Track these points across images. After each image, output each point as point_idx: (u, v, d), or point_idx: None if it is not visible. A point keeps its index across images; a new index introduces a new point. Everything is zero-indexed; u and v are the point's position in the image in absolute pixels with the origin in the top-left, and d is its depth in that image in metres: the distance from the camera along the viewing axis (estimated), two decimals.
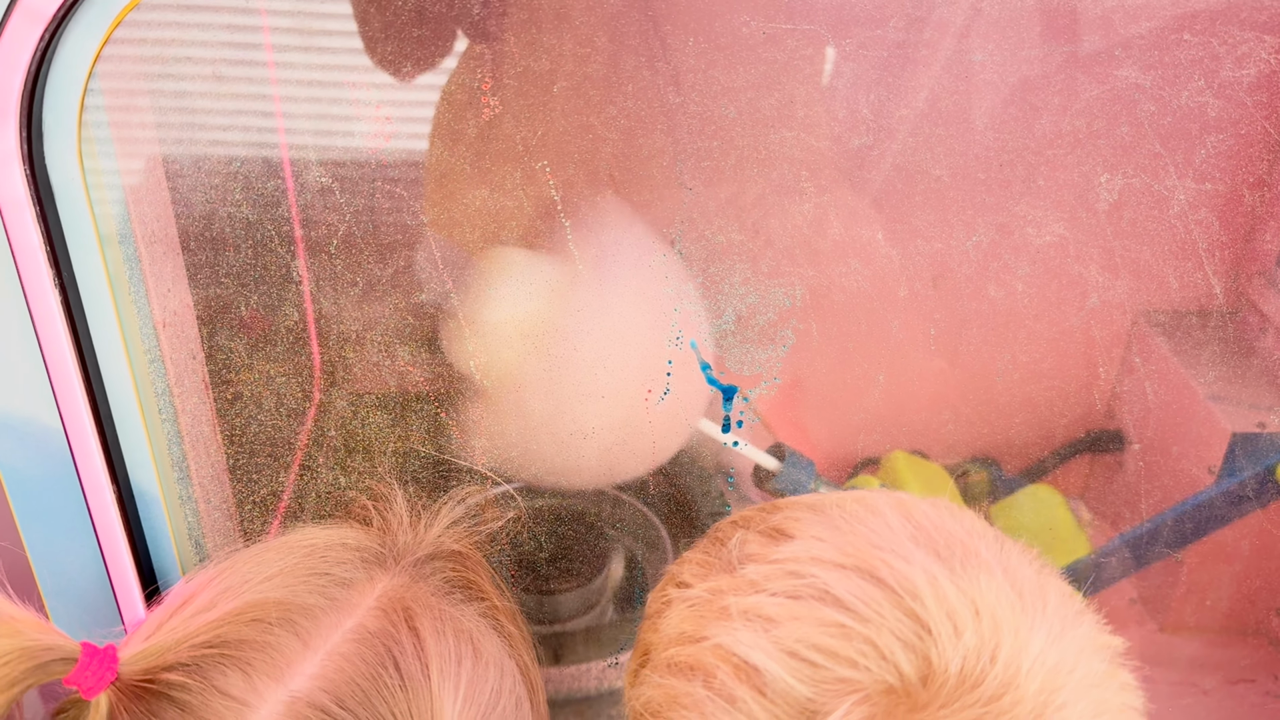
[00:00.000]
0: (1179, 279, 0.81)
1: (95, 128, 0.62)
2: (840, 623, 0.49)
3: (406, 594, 0.59)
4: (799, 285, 0.78)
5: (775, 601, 0.51)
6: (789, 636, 0.49)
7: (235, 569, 0.59)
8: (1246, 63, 0.72)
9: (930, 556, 0.51)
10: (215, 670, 0.53)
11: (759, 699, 0.48)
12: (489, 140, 0.71)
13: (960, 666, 0.46)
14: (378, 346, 0.78)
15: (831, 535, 0.54)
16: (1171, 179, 0.77)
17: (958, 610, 0.48)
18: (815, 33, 0.69)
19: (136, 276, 0.67)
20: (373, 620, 0.57)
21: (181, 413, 0.73)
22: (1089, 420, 0.94)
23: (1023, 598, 0.50)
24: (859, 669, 0.47)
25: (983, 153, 0.76)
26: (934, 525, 0.54)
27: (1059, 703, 0.47)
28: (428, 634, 0.57)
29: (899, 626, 0.48)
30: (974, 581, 0.50)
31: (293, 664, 0.54)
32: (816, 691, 0.47)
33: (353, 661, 0.54)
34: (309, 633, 0.55)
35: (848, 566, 0.51)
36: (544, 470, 0.81)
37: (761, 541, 0.55)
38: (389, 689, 0.54)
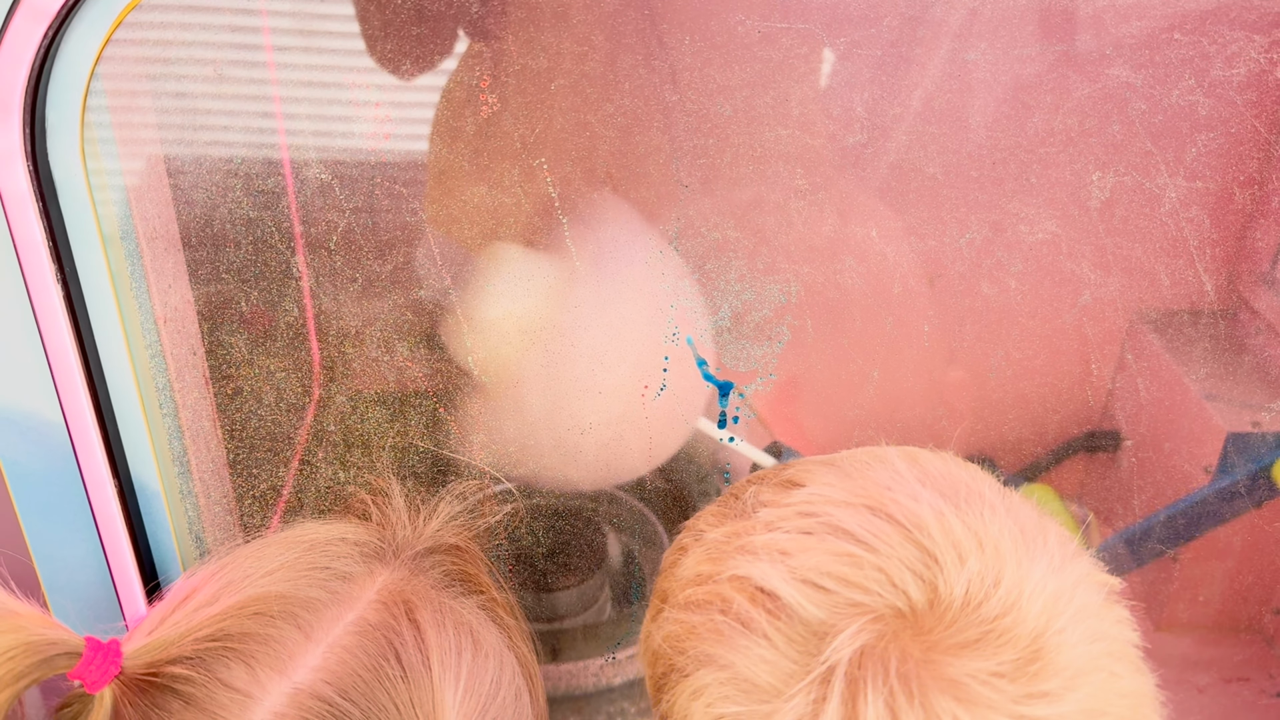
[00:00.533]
0: (1170, 276, 0.82)
1: (98, 127, 0.62)
2: (851, 553, 0.51)
3: (406, 587, 0.60)
4: (794, 282, 0.78)
5: (789, 537, 0.53)
6: (803, 565, 0.51)
7: (237, 564, 0.60)
8: (1236, 62, 0.72)
9: (936, 495, 0.53)
10: (219, 663, 0.53)
11: (774, 621, 0.50)
12: (488, 138, 0.71)
13: (965, 591, 0.49)
14: (377, 342, 0.78)
15: (842, 480, 0.56)
16: (1163, 177, 0.77)
17: (962, 541, 0.50)
18: (810, 32, 0.69)
19: (138, 272, 0.67)
20: (373, 613, 0.57)
21: (182, 408, 0.73)
22: (1083, 418, 0.95)
23: (1024, 533, 0.52)
24: (870, 594, 0.49)
25: (976, 151, 0.77)
26: (939, 470, 0.56)
27: (1058, 627, 0.49)
28: (428, 626, 0.57)
29: (907, 556, 0.50)
30: (978, 517, 0.52)
31: (295, 656, 0.54)
32: (829, 614, 0.49)
33: (354, 653, 0.55)
34: (311, 625, 0.55)
35: (857, 504, 0.53)
36: (542, 466, 0.81)
37: (775, 490, 0.57)
38: (391, 680, 0.54)
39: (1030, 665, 0.48)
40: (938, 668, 0.47)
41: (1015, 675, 0.48)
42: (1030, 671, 0.48)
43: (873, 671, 0.47)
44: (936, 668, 0.47)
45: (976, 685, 0.47)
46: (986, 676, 0.47)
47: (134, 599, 0.71)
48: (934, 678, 0.47)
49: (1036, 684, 0.48)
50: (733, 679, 0.51)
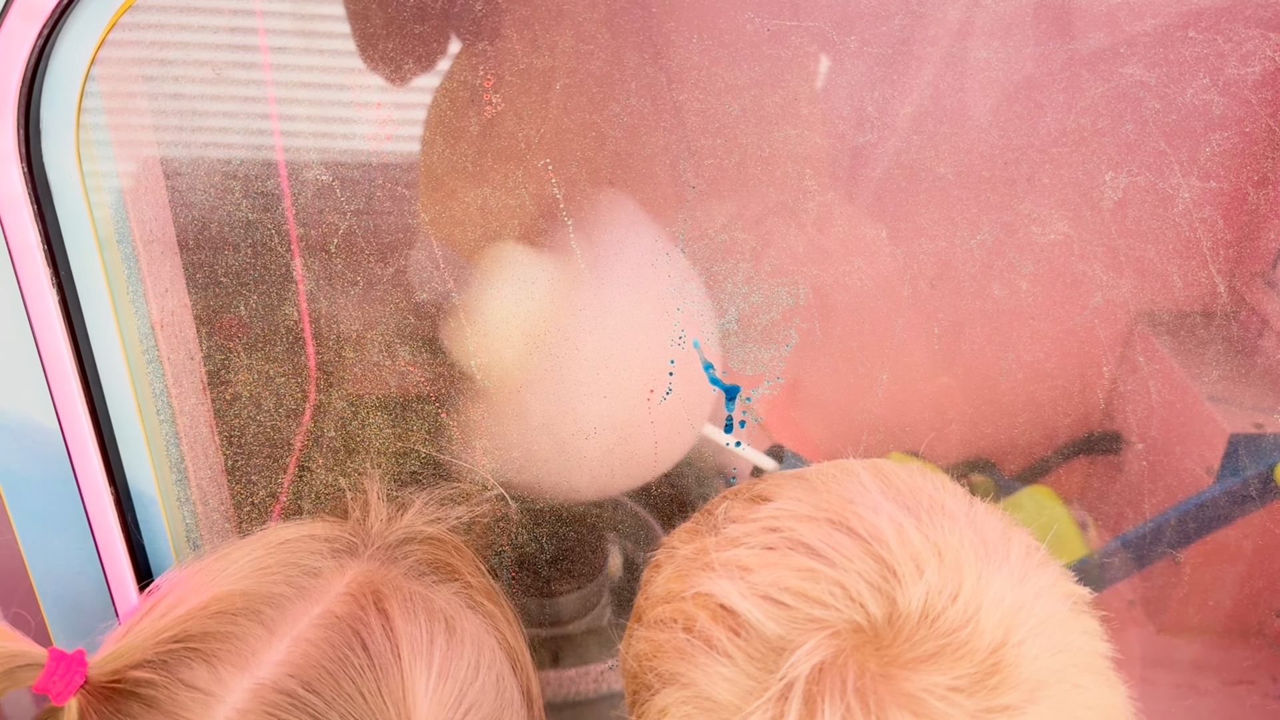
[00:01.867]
0: (1183, 278, 0.82)
1: (93, 128, 0.62)
2: (811, 567, 0.51)
3: (376, 577, 0.59)
4: (803, 284, 0.78)
5: (752, 552, 0.53)
6: (763, 581, 0.51)
7: (205, 568, 0.59)
8: (1252, 60, 0.72)
9: (898, 508, 0.53)
10: (180, 664, 0.53)
11: (734, 639, 0.50)
12: (490, 138, 0.71)
13: (922, 604, 0.49)
14: (378, 346, 0.78)
15: (807, 495, 0.56)
16: (1176, 177, 0.77)
17: (921, 553, 0.50)
18: (819, 29, 0.69)
19: (134, 276, 0.67)
20: (340, 605, 0.57)
21: (179, 414, 0.72)
22: (1092, 420, 0.94)
23: (985, 544, 0.52)
24: (828, 609, 0.50)
25: (987, 150, 0.77)
26: (904, 483, 0.56)
27: (1017, 639, 0.49)
28: (396, 614, 0.57)
29: (866, 570, 0.50)
30: (938, 529, 0.52)
31: (258, 653, 0.54)
32: (788, 630, 0.49)
33: (319, 645, 0.54)
34: (275, 621, 0.55)
35: (820, 519, 0.53)
36: (545, 472, 0.81)
37: (744, 506, 0.58)
38: (357, 669, 0.54)
39: (989, 679, 0.48)
40: (895, 683, 0.47)
41: (973, 689, 0.47)
42: (989, 685, 0.48)
43: (830, 687, 0.47)
44: (894, 683, 0.47)
45: (934, 700, 0.47)
46: (944, 691, 0.47)
47: (130, 606, 0.71)
48: (891, 693, 0.47)
49: (995, 698, 0.48)
50: (695, 697, 0.51)
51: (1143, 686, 0.99)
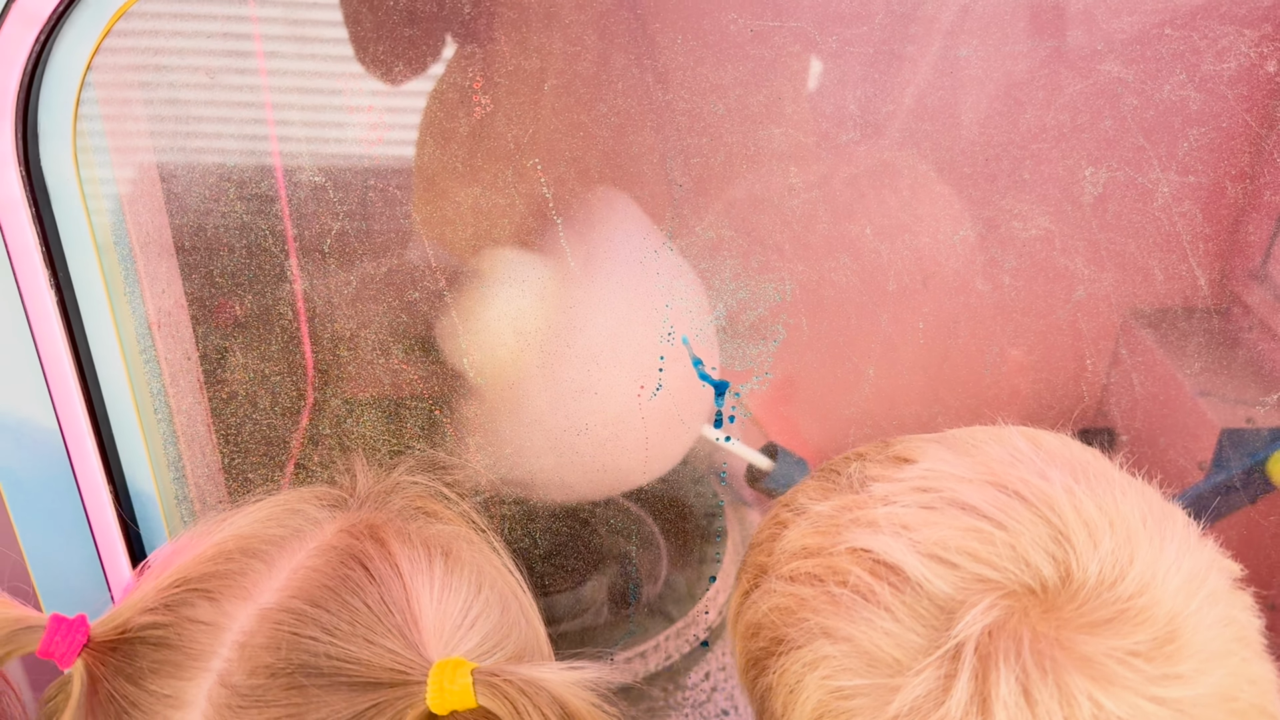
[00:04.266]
0: (1164, 271, 0.82)
1: (90, 134, 0.62)
2: (979, 528, 0.50)
3: (369, 518, 0.59)
4: (789, 280, 0.78)
5: (909, 511, 0.52)
6: (928, 539, 0.50)
7: (194, 534, 0.59)
8: (1227, 56, 0.72)
9: (1065, 474, 0.52)
10: (183, 605, 0.53)
11: (897, 594, 0.49)
12: (480, 139, 0.72)
13: (1099, 571, 0.48)
14: (372, 346, 0.78)
15: (959, 457, 0.55)
16: (1155, 172, 0.77)
17: (1095, 522, 0.50)
18: (802, 30, 0.69)
19: (131, 278, 0.67)
20: (337, 539, 0.57)
21: (176, 412, 0.73)
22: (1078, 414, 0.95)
23: (1154, 514, 0.52)
24: (1000, 570, 0.49)
25: (969, 147, 0.77)
26: (1062, 450, 0.56)
27: (1193, 608, 0.49)
28: (393, 542, 0.57)
29: (1038, 534, 0.49)
30: (1109, 497, 0.51)
31: (259, 584, 0.54)
32: (956, 589, 0.49)
33: (319, 570, 0.54)
34: (271, 556, 0.55)
35: (980, 480, 0.52)
36: (539, 467, 0.81)
37: (884, 465, 0.56)
38: (358, 584, 0.54)
39: (1166, 646, 0.47)
40: (1072, 645, 0.47)
41: (1151, 655, 0.47)
42: (1166, 652, 0.47)
43: (1004, 648, 0.46)
44: (1071, 645, 0.47)
45: (1113, 664, 0.46)
46: (1123, 655, 0.47)
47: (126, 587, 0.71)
48: (1068, 655, 0.46)
49: (1172, 665, 0.47)
50: (853, 651, 0.50)
51: None
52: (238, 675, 0.51)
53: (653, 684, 0.95)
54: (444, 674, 0.50)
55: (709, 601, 0.97)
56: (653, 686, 0.95)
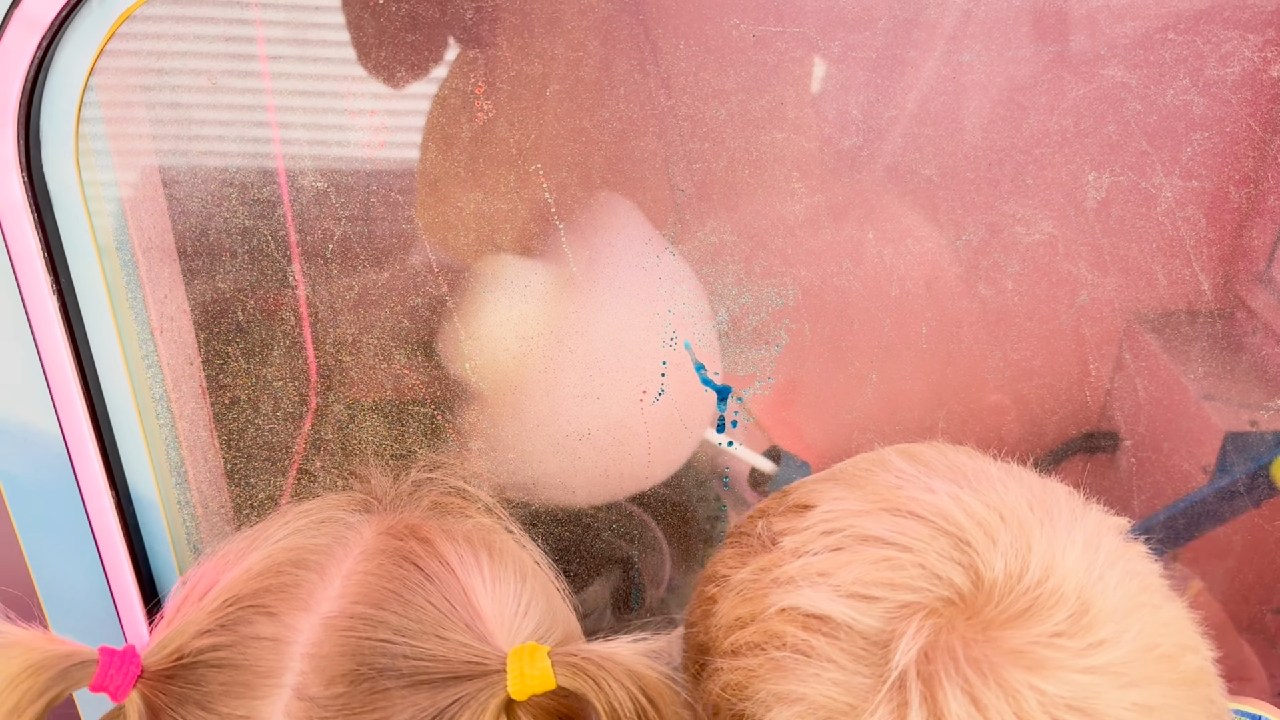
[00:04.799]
0: (1167, 276, 0.82)
1: (93, 138, 0.62)
2: (887, 556, 0.52)
3: (404, 519, 0.60)
4: (792, 285, 0.78)
5: (821, 558, 0.53)
6: (845, 581, 0.52)
7: (231, 550, 0.59)
8: (1230, 61, 0.72)
9: (947, 482, 0.54)
10: (241, 623, 0.53)
11: (833, 643, 0.51)
12: (483, 144, 0.71)
13: (1004, 566, 0.50)
14: (375, 351, 0.78)
15: (850, 491, 0.57)
16: (1159, 177, 0.77)
17: (986, 520, 0.52)
18: (805, 35, 0.69)
19: (134, 283, 0.67)
20: (380, 543, 0.57)
21: (179, 418, 0.73)
22: (1081, 418, 0.95)
23: (1037, 498, 0.54)
24: (917, 591, 0.50)
25: (972, 152, 0.77)
26: (939, 460, 0.58)
27: (1096, 575, 0.51)
28: (437, 538, 0.58)
29: (940, 546, 0.51)
30: (991, 493, 0.53)
31: (315, 594, 0.54)
32: (884, 621, 0.50)
33: (374, 575, 0.54)
34: (320, 565, 0.55)
35: (875, 509, 0.54)
36: (541, 472, 0.81)
37: (787, 517, 0.58)
38: (417, 584, 0.54)
39: (1082, 619, 0.49)
40: (1001, 643, 0.48)
41: (1072, 631, 0.49)
42: (1084, 624, 0.49)
43: (943, 665, 0.48)
44: (1000, 643, 0.48)
45: (1041, 650, 0.48)
46: (1047, 639, 0.48)
47: (132, 610, 0.71)
48: (1000, 654, 0.48)
49: (1093, 634, 0.49)
50: (809, 710, 0.51)
51: None
52: (315, 687, 0.51)
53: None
54: (522, 660, 0.51)
55: None
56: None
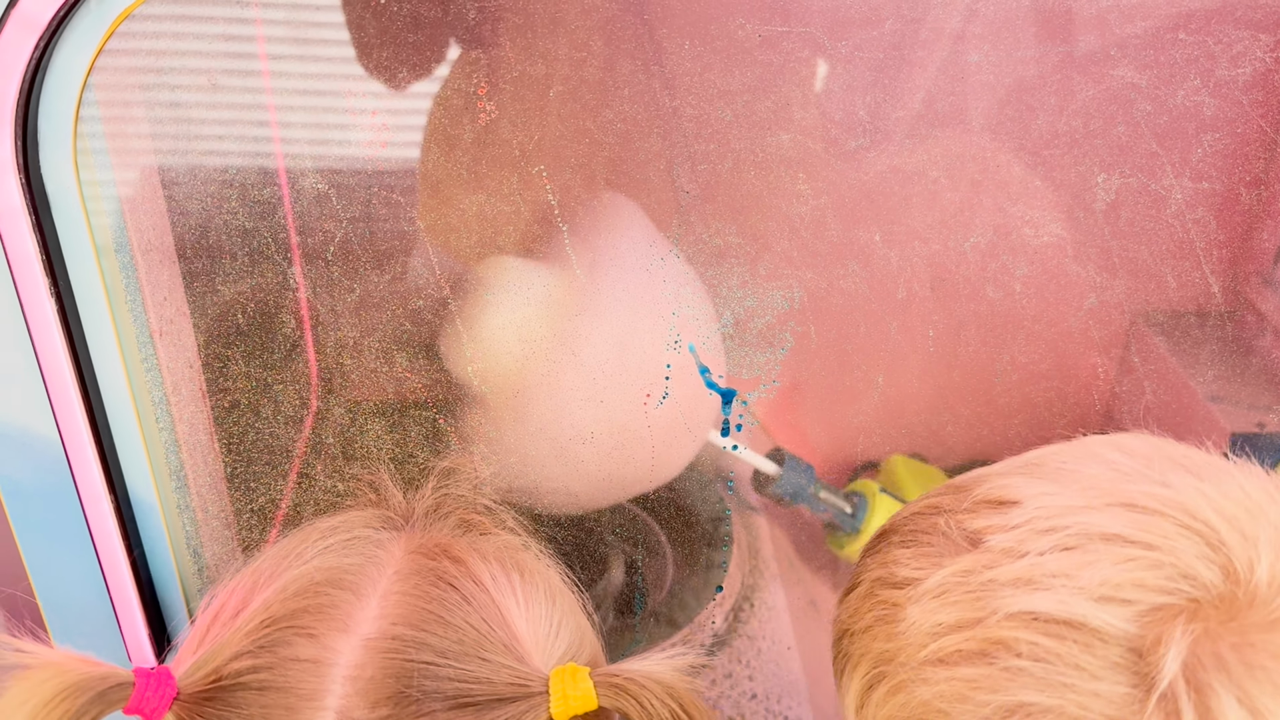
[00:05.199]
0: (1177, 279, 0.81)
1: (91, 138, 0.62)
2: (1132, 556, 0.48)
3: (432, 538, 0.60)
4: (798, 288, 0.78)
5: (1051, 558, 0.49)
6: (1090, 583, 0.48)
7: (261, 566, 0.59)
8: (1242, 61, 0.72)
9: (1183, 475, 0.51)
10: (280, 645, 0.52)
11: (1084, 650, 0.47)
12: (485, 145, 0.71)
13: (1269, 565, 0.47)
14: (376, 353, 0.78)
15: (1059, 486, 0.52)
16: (1169, 178, 0.77)
17: (1237, 515, 0.48)
18: (811, 35, 0.69)
19: (133, 285, 0.67)
20: (412, 562, 0.57)
21: (179, 421, 0.72)
22: (1088, 421, 0.94)
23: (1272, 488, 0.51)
24: (1172, 593, 0.47)
25: (979, 153, 0.76)
26: (1158, 451, 0.54)
27: None
28: (469, 558, 0.58)
29: (1190, 545, 0.48)
30: (1234, 486, 0.50)
31: (353, 615, 0.53)
32: (1140, 626, 0.47)
33: (411, 595, 0.54)
34: (356, 585, 0.55)
35: (1104, 505, 0.50)
36: (543, 476, 0.81)
37: (983, 515, 0.53)
38: (455, 604, 0.54)
39: None
40: (1267, 647, 0.45)
41: None
42: None
43: (1214, 672, 0.45)
44: (1266, 647, 0.45)
45: None
46: None
47: (132, 615, 0.71)
48: (1271, 658, 0.45)
49: None
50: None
51: None
52: (359, 710, 0.50)
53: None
54: (564, 681, 0.51)
55: (715, 610, 0.97)
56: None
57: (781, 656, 0.97)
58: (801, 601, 1.01)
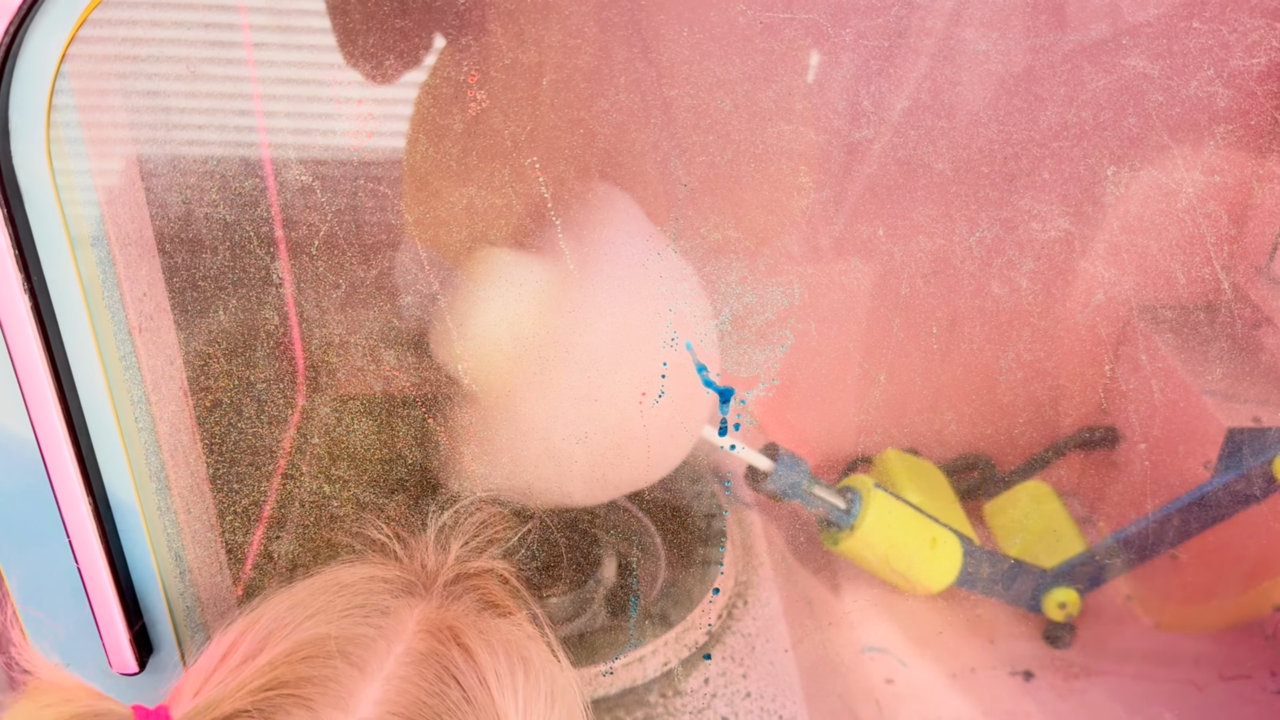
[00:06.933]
0: (1187, 274, 0.81)
1: (66, 127, 0.61)
2: None
3: (446, 614, 0.61)
4: (798, 284, 0.77)
5: None
6: None
7: (271, 613, 0.60)
8: (1257, 51, 0.71)
9: None
10: (278, 712, 0.53)
11: None
12: (476, 136, 0.70)
13: None
14: (362, 351, 0.77)
15: None
16: (1180, 171, 0.76)
17: None
18: (813, 22, 0.68)
19: (110, 280, 0.66)
20: (421, 643, 0.58)
21: (159, 421, 0.71)
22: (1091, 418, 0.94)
23: None
24: None
25: (985, 145, 0.76)
26: None
27: None
28: (477, 648, 0.58)
29: None
30: None
31: (354, 694, 0.54)
32: None
33: (413, 682, 0.55)
34: (364, 660, 0.56)
35: None
36: (536, 477, 0.80)
37: None
38: (455, 703, 0.55)
39: None
40: None
41: None
42: None
43: None
44: None
45: None
46: None
47: (111, 620, 0.70)
48: None
49: None
50: None
51: (1141, 683, 0.99)
52: None
53: (650, 690, 0.94)
54: None
55: (710, 610, 0.96)
56: (650, 693, 0.94)
57: (776, 654, 0.97)
58: (796, 599, 1.01)
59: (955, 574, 0.92)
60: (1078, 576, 0.96)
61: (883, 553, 0.90)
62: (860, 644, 0.99)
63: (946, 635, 0.99)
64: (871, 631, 0.99)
